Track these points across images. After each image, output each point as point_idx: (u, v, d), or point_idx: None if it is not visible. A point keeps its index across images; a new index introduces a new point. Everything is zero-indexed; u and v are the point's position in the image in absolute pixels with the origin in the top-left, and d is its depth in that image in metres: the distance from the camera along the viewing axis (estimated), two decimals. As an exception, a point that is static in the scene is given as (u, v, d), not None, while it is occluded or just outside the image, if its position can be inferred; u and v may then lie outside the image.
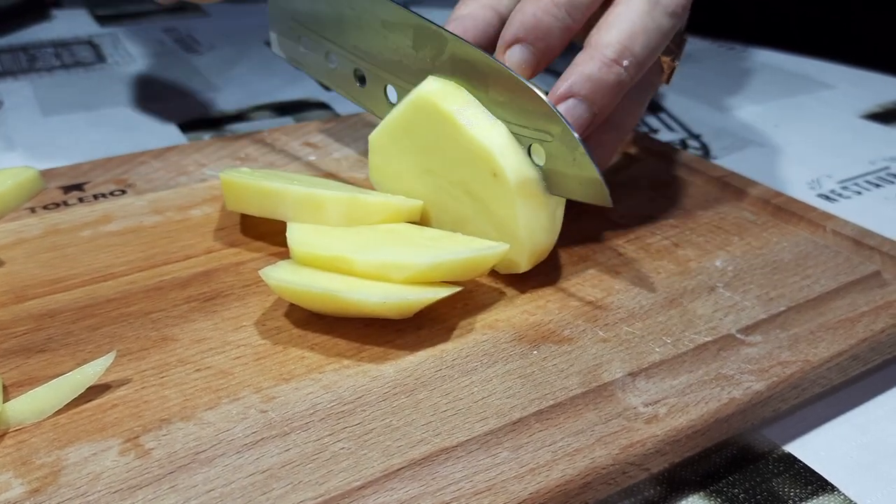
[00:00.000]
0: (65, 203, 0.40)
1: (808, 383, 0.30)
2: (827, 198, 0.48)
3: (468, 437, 0.27)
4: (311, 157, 0.45)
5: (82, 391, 0.28)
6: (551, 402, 0.28)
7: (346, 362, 0.30)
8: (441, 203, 0.35)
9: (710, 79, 0.67)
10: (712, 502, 0.28)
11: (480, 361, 0.30)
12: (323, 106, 0.60)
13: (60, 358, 0.30)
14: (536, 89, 0.32)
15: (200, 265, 0.35)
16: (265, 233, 0.37)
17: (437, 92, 0.34)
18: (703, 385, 0.29)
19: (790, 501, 0.28)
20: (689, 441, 0.28)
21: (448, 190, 0.35)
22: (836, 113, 0.60)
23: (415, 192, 0.36)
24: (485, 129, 0.33)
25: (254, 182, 0.35)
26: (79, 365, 0.28)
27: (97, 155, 0.47)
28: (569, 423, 0.27)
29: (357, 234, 0.33)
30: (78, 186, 0.42)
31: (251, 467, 0.25)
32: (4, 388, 0.28)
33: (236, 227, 0.38)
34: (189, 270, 0.35)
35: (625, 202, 0.41)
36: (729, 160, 0.52)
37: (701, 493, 0.29)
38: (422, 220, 0.36)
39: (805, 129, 0.58)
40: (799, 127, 0.58)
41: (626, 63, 0.33)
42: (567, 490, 0.25)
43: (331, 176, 0.43)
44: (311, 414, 0.27)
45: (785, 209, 0.40)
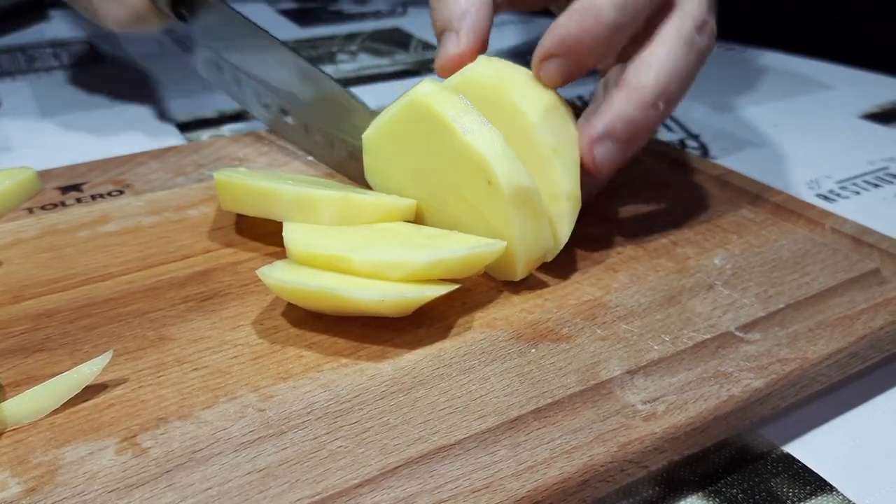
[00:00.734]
0: (62, 203, 0.40)
1: (808, 381, 0.30)
2: (826, 198, 0.48)
3: (466, 435, 0.26)
4: (310, 157, 0.45)
5: (79, 390, 0.28)
6: (549, 400, 0.28)
7: (343, 361, 0.30)
8: (436, 205, 0.35)
9: (709, 79, 0.67)
10: (711, 502, 0.28)
11: (478, 360, 0.30)
12: (321, 107, 0.60)
13: (58, 357, 0.30)
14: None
15: (198, 265, 0.35)
16: (262, 233, 0.37)
17: (432, 95, 0.33)
18: (702, 382, 0.29)
19: (789, 502, 0.28)
20: (688, 439, 0.27)
21: (442, 194, 0.34)
22: (834, 113, 0.60)
23: (409, 192, 0.36)
24: (480, 136, 0.32)
25: (248, 182, 0.35)
26: (76, 364, 0.28)
27: (95, 156, 0.46)
28: (567, 420, 0.27)
29: (354, 233, 0.33)
30: (76, 187, 0.42)
31: (248, 466, 0.25)
32: (1, 387, 0.28)
33: (234, 227, 0.38)
34: (186, 270, 0.35)
35: (623, 201, 0.41)
36: (728, 160, 0.52)
37: (699, 494, 0.28)
38: (418, 220, 0.36)
39: (804, 130, 0.58)
40: (798, 127, 0.58)
41: (661, 106, 0.33)
42: (565, 488, 0.25)
43: (330, 176, 0.43)
44: (309, 412, 0.27)
45: (784, 207, 0.40)
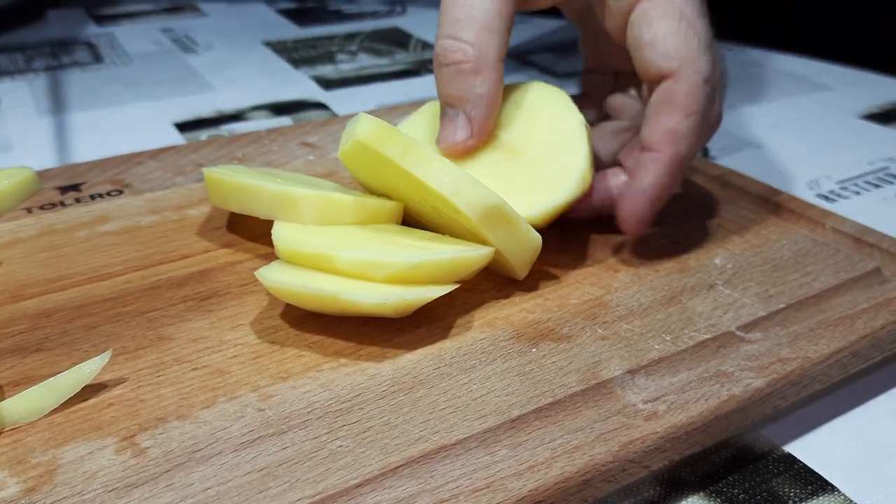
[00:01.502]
0: (61, 203, 0.40)
1: (808, 380, 0.30)
2: (826, 198, 0.48)
3: (467, 435, 0.26)
4: (310, 157, 0.45)
5: (78, 390, 0.27)
6: (550, 400, 0.28)
7: (343, 361, 0.30)
8: (424, 210, 0.35)
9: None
10: (712, 502, 0.28)
11: (479, 359, 0.30)
12: (321, 106, 0.60)
13: (56, 357, 0.30)
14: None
15: (197, 265, 0.35)
16: (261, 232, 0.37)
17: (371, 136, 0.32)
18: (703, 382, 0.29)
19: (790, 502, 0.28)
20: (689, 438, 0.27)
21: (423, 206, 0.34)
22: (834, 113, 0.60)
23: (398, 199, 0.35)
24: (431, 172, 0.32)
25: (233, 178, 0.35)
26: (75, 364, 0.28)
27: (94, 155, 0.46)
28: (568, 420, 0.27)
29: (343, 233, 0.33)
30: (75, 187, 0.42)
31: (248, 465, 0.25)
32: (0, 387, 0.28)
33: (233, 227, 0.38)
34: (185, 270, 0.35)
35: (623, 201, 0.41)
36: (727, 161, 0.52)
37: (701, 494, 0.28)
38: (411, 223, 0.36)
39: (804, 130, 0.58)
40: (798, 127, 0.58)
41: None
42: (566, 487, 0.25)
43: (328, 176, 0.43)
44: (309, 412, 0.27)
45: (784, 207, 0.40)
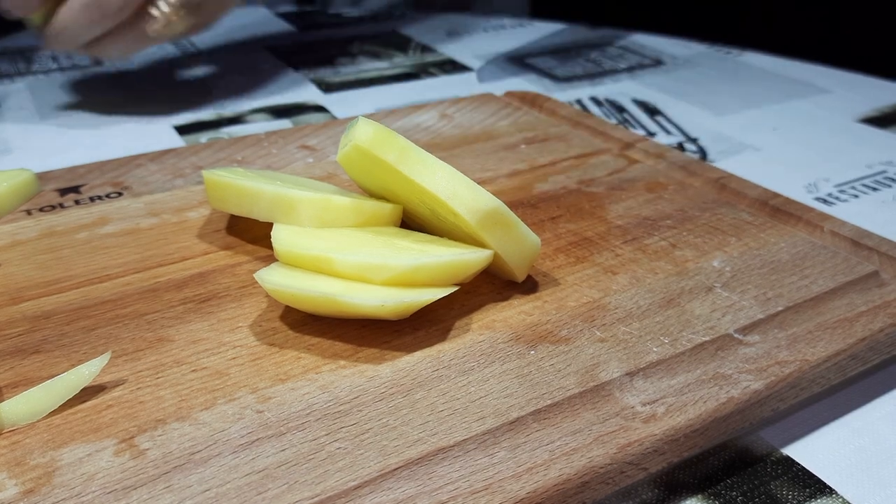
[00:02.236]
0: (61, 205, 0.40)
1: (807, 383, 0.30)
2: (824, 201, 0.48)
3: (465, 437, 0.26)
4: (309, 160, 0.45)
5: (77, 392, 0.27)
6: (549, 402, 0.28)
7: (342, 363, 0.30)
8: (423, 213, 0.35)
9: (707, 83, 0.67)
10: None
11: (478, 361, 0.30)
12: (320, 109, 0.60)
13: (55, 359, 0.30)
14: None
15: (196, 267, 0.35)
16: (260, 235, 0.37)
17: (370, 140, 0.32)
18: (701, 384, 0.29)
19: None
20: (688, 440, 0.27)
21: (423, 209, 0.34)
22: (833, 117, 0.60)
23: (397, 202, 0.35)
24: (429, 176, 0.32)
25: (232, 181, 0.35)
26: (74, 366, 0.28)
27: (94, 157, 0.46)
28: (566, 422, 0.27)
29: (341, 236, 0.33)
30: (74, 189, 0.42)
31: (247, 467, 0.25)
32: (-1, 388, 0.28)
33: (232, 230, 0.38)
34: (185, 272, 0.35)
35: (622, 204, 0.41)
36: (726, 164, 0.52)
37: (699, 496, 0.28)
38: (412, 225, 0.36)
39: (802, 133, 0.58)
40: (796, 131, 0.58)
41: None
42: (564, 490, 0.25)
43: (327, 179, 0.43)
44: (308, 414, 0.27)
45: (782, 210, 0.40)
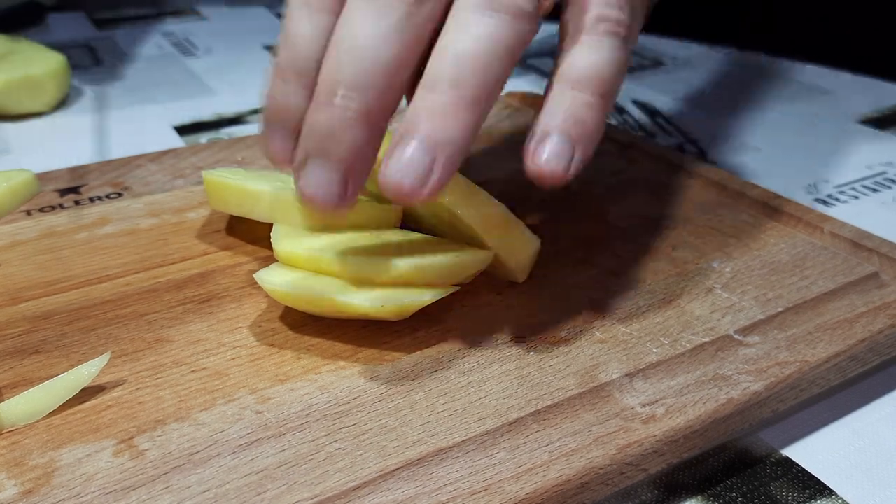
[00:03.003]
0: (61, 206, 0.40)
1: (807, 384, 0.30)
2: (824, 202, 0.48)
3: (465, 438, 0.26)
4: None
5: (76, 392, 0.27)
6: (548, 403, 0.28)
7: (342, 363, 0.30)
8: (422, 215, 0.35)
9: (707, 84, 0.67)
10: (710, 504, 0.28)
11: (477, 362, 0.30)
12: (320, 110, 0.60)
13: (55, 360, 0.30)
14: None
15: (196, 267, 0.35)
16: (261, 236, 0.37)
17: None
18: (701, 385, 0.29)
19: None
20: (687, 441, 0.27)
21: (423, 209, 0.35)
22: (833, 118, 0.60)
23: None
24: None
25: (232, 181, 0.35)
26: (73, 366, 0.28)
27: (93, 158, 0.46)
28: (566, 423, 0.27)
29: (342, 236, 0.33)
30: (74, 189, 0.42)
31: (246, 468, 0.25)
32: (-2, 389, 0.28)
33: (232, 230, 0.38)
34: (184, 273, 0.35)
35: (622, 205, 0.41)
36: (726, 164, 0.52)
37: (699, 497, 0.28)
38: (412, 225, 0.36)
39: (802, 134, 0.58)
40: (796, 132, 0.58)
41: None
42: (564, 490, 0.25)
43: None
44: (307, 415, 0.27)
45: (782, 211, 0.40)
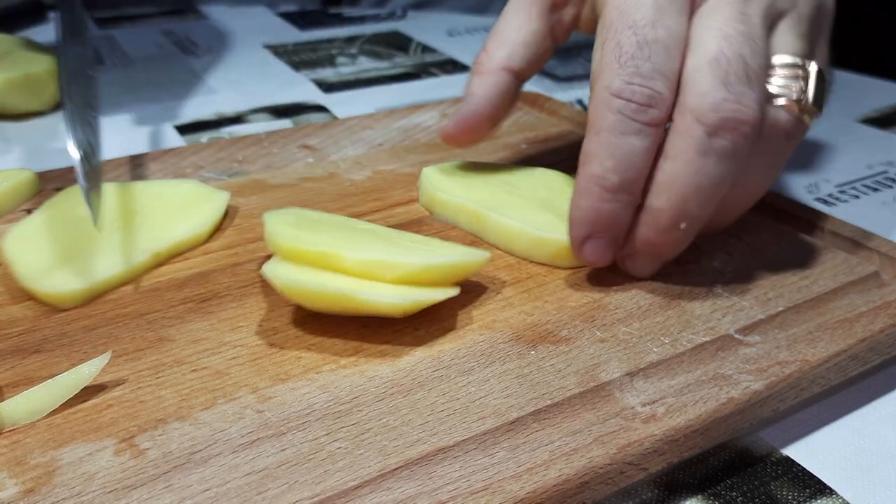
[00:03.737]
0: (61, 204, 0.40)
1: (807, 383, 0.30)
2: (825, 202, 0.48)
3: (465, 437, 0.26)
4: (309, 160, 0.45)
5: (77, 391, 0.27)
6: (549, 402, 0.28)
7: (343, 362, 0.30)
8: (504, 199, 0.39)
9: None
10: None
11: (478, 361, 0.30)
12: (321, 108, 0.60)
13: (56, 359, 0.30)
14: None
15: (197, 266, 0.35)
16: (262, 235, 0.37)
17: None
18: (702, 385, 0.29)
19: None
20: (688, 441, 0.27)
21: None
22: (834, 118, 0.60)
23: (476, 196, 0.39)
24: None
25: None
26: (74, 365, 0.28)
27: (94, 157, 0.46)
28: (566, 422, 0.27)
29: (339, 231, 0.33)
30: (75, 188, 0.42)
31: (247, 467, 0.25)
32: (0, 388, 0.28)
33: (233, 230, 0.38)
34: (185, 272, 0.35)
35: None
36: (727, 163, 0.52)
37: (699, 497, 0.28)
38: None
39: (803, 133, 0.58)
40: (797, 130, 0.58)
41: (683, 226, 0.32)
42: (564, 490, 0.25)
43: (328, 178, 0.43)
44: (308, 414, 0.27)
45: (783, 211, 0.40)
